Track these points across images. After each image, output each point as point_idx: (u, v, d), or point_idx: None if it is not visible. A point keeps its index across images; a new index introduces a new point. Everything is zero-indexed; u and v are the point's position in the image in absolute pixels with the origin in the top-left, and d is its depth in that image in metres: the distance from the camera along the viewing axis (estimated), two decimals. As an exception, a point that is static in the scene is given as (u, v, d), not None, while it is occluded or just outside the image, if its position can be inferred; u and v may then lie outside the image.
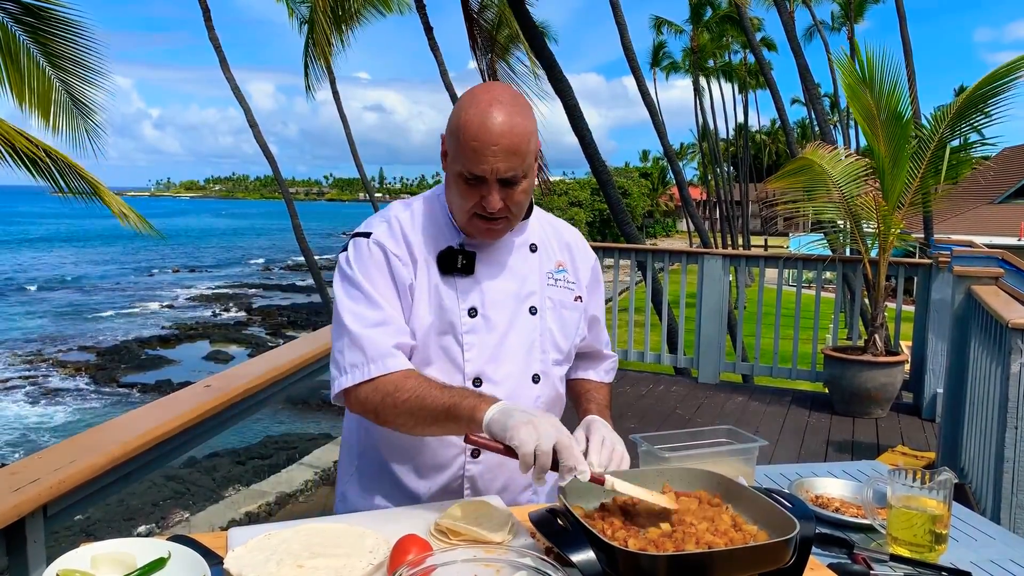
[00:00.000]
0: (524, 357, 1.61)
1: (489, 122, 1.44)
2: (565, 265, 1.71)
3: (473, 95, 1.50)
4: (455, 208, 1.56)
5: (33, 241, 62.71)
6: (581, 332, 1.73)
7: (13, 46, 6.21)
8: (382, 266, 1.54)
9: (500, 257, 1.61)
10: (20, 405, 18.53)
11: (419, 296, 1.55)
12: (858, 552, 1.58)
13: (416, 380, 1.46)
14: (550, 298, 1.66)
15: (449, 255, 1.56)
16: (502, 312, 1.59)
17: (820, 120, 12.57)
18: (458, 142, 1.47)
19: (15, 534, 1.24)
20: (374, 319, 1.50)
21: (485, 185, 1.48)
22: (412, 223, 1.59)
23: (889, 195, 5.52)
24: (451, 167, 1.51)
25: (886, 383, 5.52)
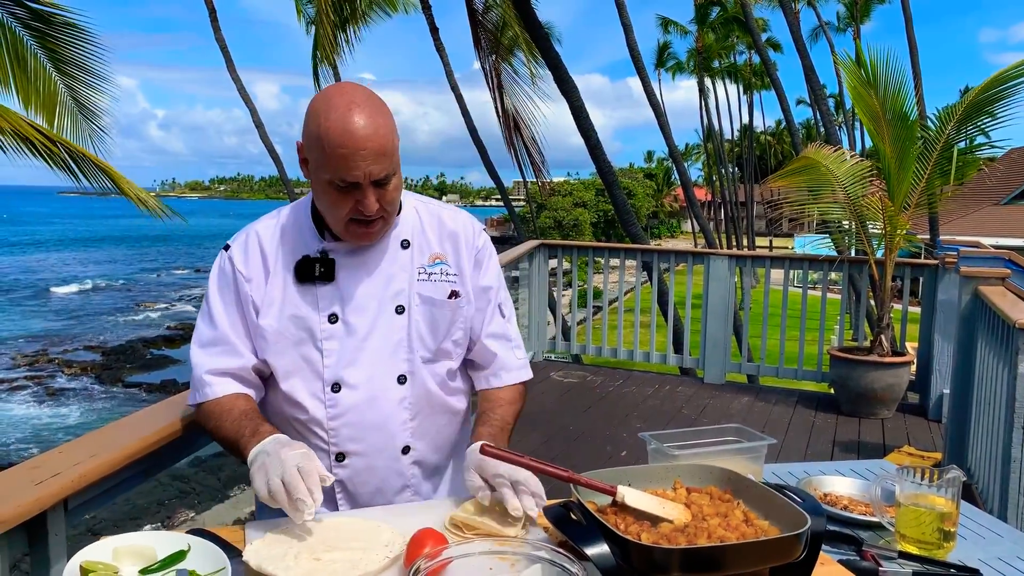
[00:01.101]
0: (388, 359, 1.59)
1: (352, 127, 1.42)
2: (445, 257, 1.66)
3: (328, 100, 1.46)
4: (329, 217, 1.53)
5: (43, 243, 62.81)
6: (460, 328, 1.67)
7: (20, 50, 6.24)
8: (229, 282, 1.59)
9: (366, 259, 1.59)
10: (28, 405, 18.59)
11: (269, 308, 1.56)
12: (867, 549, 1.59)
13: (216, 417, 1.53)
14: (419, 294, 1.61)
15: (305, 264, 1.57)
16: (364, 315, 1.57)
17: (826, 120, 12.57)
18: (323, 151, 1.43)
19: (37, 528, 1.26)
20: (207, 338, 1.58)
21: (359, 190, 1.45)
22: (273, 234, 1.60)
23: (895, 195, 5.52)
24: (317, 176, 1.48)
25: (892, 383, 5.52)
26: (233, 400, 1.55)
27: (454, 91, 15.57)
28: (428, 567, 1.07)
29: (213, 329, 1.57)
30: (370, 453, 1.60)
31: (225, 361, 1.56)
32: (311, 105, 1.48)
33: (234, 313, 1.58)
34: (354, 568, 1.17)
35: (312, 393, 1.57)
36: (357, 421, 1.57)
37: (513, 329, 1.77)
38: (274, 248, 1.58)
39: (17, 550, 1.25)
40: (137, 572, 1.15)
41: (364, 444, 1.59)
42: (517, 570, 1.15)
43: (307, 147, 1.49)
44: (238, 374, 1.57)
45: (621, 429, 5.28)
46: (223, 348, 1.57)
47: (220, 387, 1.56)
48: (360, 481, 1.61)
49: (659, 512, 1.26)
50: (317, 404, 1.57)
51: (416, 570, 1.04)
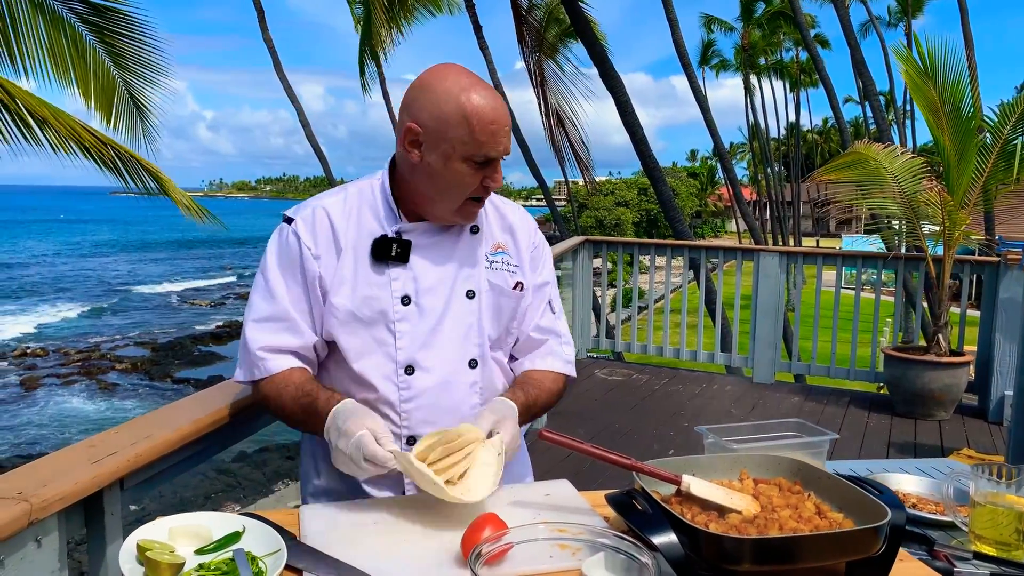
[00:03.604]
0: (460, 342, 1.59)
1: (497, 104, 1.48)
2: (506, 247, 1.67)
3: (457, 80, 1.48)
4: (447, 195, 1.53)
5: (107, 244, 64.58)
6: (519, 319, 1.68)
7: (80, 45, 6.40)
8: (294, 257, 1.54)
9: (439, 242, 1.59)
10: (83, 400, 19.11)
11: (340, 286, 1.53)
12: (939, 549, 1.52)
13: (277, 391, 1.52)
14: (488, 280, 1.62)
15: (383, 243, 1.54)
16: (437, 298, 1.57)
17: (877, 116, 12.27)
18: (471, 128, 1.45)
19: (94, 505, 1.26)
20: (264, 313, 1.54)
21: (491, 166, 1.50)
22: (343, 211, 1.57)
23: (955, 190, 5.34)
24: (448, 154, 1.48)
25: (950, 384, 5.35)
26: (290, 374, 1.53)
27: (497, 90, 15.57)
28: (490, 551, 1.04)
29: (273, 305, 1.54)
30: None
31: (284, 339, 1.53)
32: (434, 85, 1.49)
33: (296, 289, 1.54)
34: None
35: (384, 375, 1.54)
36: (430, 404, 1.55)
37: (563, 326, 1.77)
38: (344, 225, 1.55)
39: (75, 527, 1.25)
40: (193, 552, 1.14)
41: (436, 427, 1.55)
42: (578, 558, 1.11)
43: (438, 127, 1.48)
44: (298, 352, 1.55)
45: (668, 427, 5.20)
46: (283, 325, 1.53)
47: (276, 363, 1.53)
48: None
49: (726, 503, 1.21)
50: (389, 386, 1.54)
51: (478, 554, 1.00)
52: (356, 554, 1.16)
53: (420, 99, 1.49)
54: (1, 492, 1.11)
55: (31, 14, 6.04)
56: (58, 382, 20.54)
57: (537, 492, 1.43)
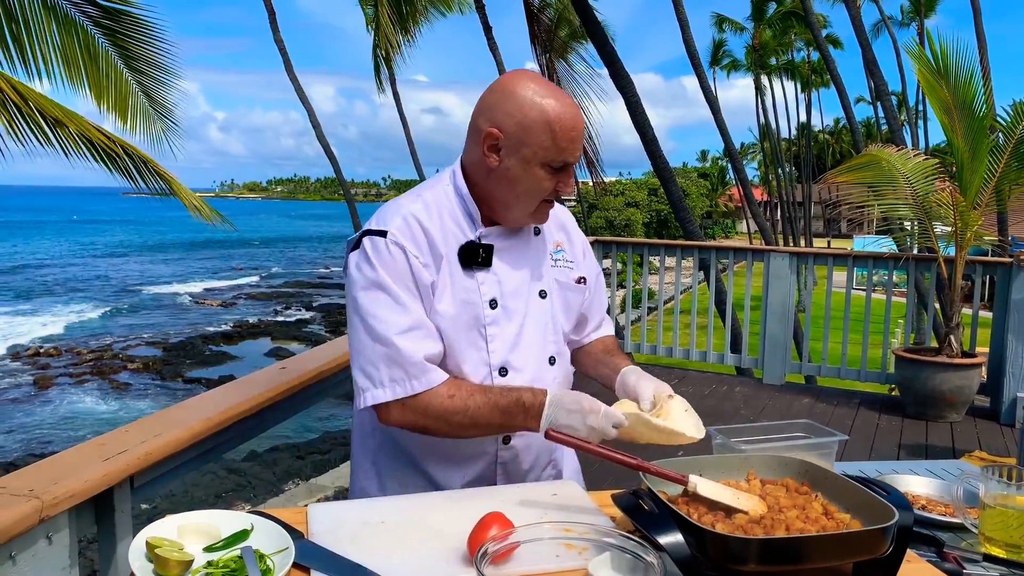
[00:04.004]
0: (540, 342, 1.64)
1: (575, 111, 1.52)
2: (563, 245, 1.74)
3: (537, 86, 1.51)
4: (523, 199, 1.55)
5: (111, 245, 64.90)
6: (579, 312, 1.77)
7: (92, 47, 6.45)
8: (404, 268, 1.50)
9: (514, 245, 1.62)
10: (95, 399, 19.23)
11: (443, 292, 1.54)
12: (948, 551, 1.52)
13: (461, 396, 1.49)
14: (556, 279, 1.69)
15: (470, 249, 1.55)
16: (518, 300, 1.61)
17: (889, 116, 12.18)
18: (552, 133, 1.48)
19: (104, 503, 1.27)
20: (405, 324, 1.48)
21: (565, 171, 1.54)
22: (429, 217, 1.55)
23: (967, 191, 5.31)
24: (527, 158, 1.50)
25: (962, 386, 5.31)
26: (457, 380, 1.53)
27: (507, 90, 15.57)
28: (496, 550, 1.04)
29: (408, 315, 1.49)
30: (530, 434, 1.61)
31: (431, 346, 1.51)
32: (514, 90, 1.51)
33: (418, 299, 1.51)
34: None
35: (481, 378, 1.57)
36: None
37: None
38: (435, 231, 1.54)
39: (86, 524, 1.26)
40: (201, 549, 1.15)
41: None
42: (585, 558, 1.11)
43: (519, 133, 1.50)
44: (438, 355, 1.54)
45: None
46: (425, 332, 1.51)
47: (438, 373, 1.51)
48: (519, 461, 1.64)
49: (733, 503, 1.21)
50: None
51: (484, 553, 1.01)
52: (363, 552, 1.16)
53: (501, 104, 1.51)
54: (12, 489, 1.12)
55: (44, 17, 6.09)
56: (70, 381, 20.67)
57: (544, 491, 1.44)
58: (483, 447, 1.60)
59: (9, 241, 60.63)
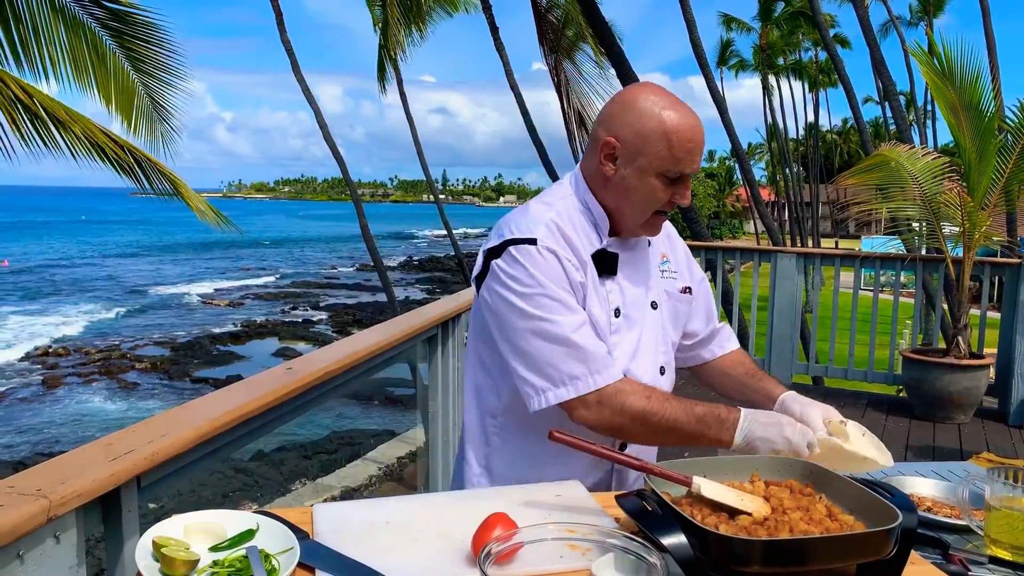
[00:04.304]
0: (653, 352, 1.67)
1: (696, 123, 1.53)
2: (668, 255, 1.76)
3: (659, 98, 1.53)
4: (637, 209, 1.57)
5: (119, 246, 65.11)
6: (684, 323, 1.78)
7: (100, 48, 6.49)
8: (559, 272, 1.52)
9: (634, 256, 1.65)
10: (103, 399, 19.31)
11: (591, 297, 1.57)
12: (953, 553, 1.51)
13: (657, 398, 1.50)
14: (664, 290, 1.71)
15: (603, 257, 1.58)
16: (637, 310, 1.64)
17: (897, 116, 12.15)
18: (670, 144, 1.50)
19: (111, 502, 1.28)
20: (577, 322, 1.50)
21: (682, 182, 1.55)
22: (566, 224, 1.57)
23: (975, 191, 5.29)
24: (644, 168, 1.53)
25: (970, 387, 5.29)
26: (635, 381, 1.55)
27: (513, 91, 15.59)
28: (499, 551, 1.04)
29: (576, 314, 1.51)
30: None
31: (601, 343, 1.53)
32: (634, 102, 1.54)
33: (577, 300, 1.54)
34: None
35: None
36: None
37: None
38: (574, 238, 1.57)
39: (93, 524, 1.27)
40: (207, 549, 1.16)
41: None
42: (589, 559, 1.11)
43: (636, 142, 1.52)
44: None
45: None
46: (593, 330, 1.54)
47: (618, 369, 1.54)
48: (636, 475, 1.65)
49: (737, 504, 1.21)
50: None
51: (487, 554, 1.01)
52: (368, 552, 1.17)
53: (620, 115, 1.54)
54: (21, 489, 1.13)
55: (51, 19, 6.13)
56: (79, 381, 20.78)
57: (548, 492, 1.44)
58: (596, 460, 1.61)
59: (20, 242, 60.94)
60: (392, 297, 16.31)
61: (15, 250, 53.78)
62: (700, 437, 1.48)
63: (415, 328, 2.61)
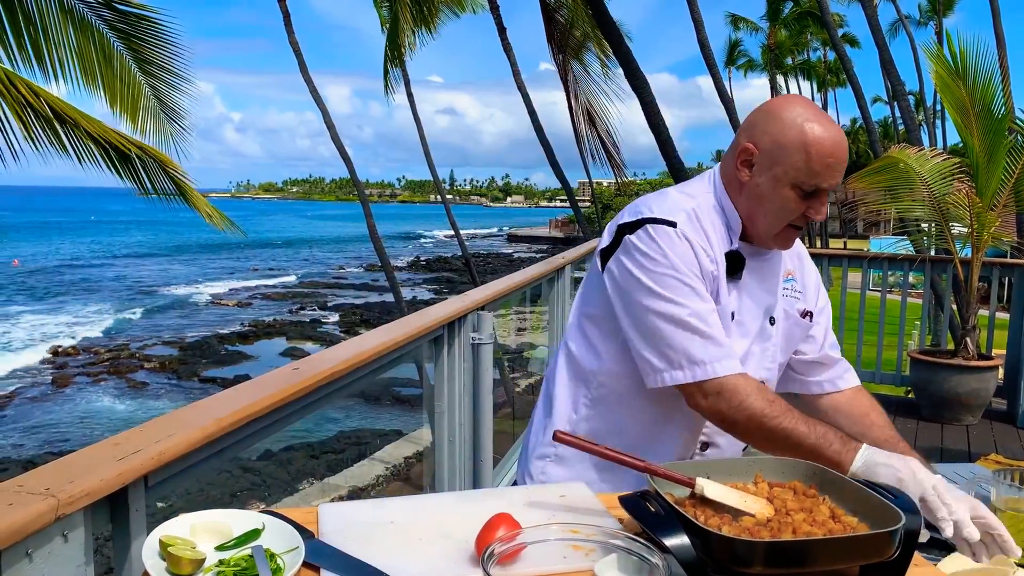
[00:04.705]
0: (759, 365, 1.65)
1: (840, 139, 1.50)
2: (794, 274, 1.73)
3: (804, 110, 1.52)
4: (768, 219, 1.56)
5: (128, 246, 65.36)
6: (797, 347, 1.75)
7: (108, 51, 6.52)
8: (691, 260, 1.52)
9: (759, 265, 1.64)
10: (113, 398, 19.40)
11: (722, 290, 1.57)
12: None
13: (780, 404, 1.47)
14: (784, 309, 1.69)
15: (734, 258, 1.58)
16: (753, 319, 1.63)
17: (906, 116, 12.10)
18: (808, 156, 1.48)
19: (119, 502, 1.29)
20: (704, 309, 1.50)
21: (818, 197, 1.52)
22: (704, 218, 1.58)
23: (984, 192, 5.27)
24: (778, 178, 1.52)
25: (978, 388, 5.27)
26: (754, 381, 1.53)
27: (521, 91, 15.59)
28: (502, 551, 1.05)
29: (704, 301, 1.52)
30: (727, 448, 1.64)
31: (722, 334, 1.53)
32: (778, 111, 1.54)
33: (707, 290, 1.54)
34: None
35: None
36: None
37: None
38: (711, 232, 1.57)
39: (101, 523, 1.28)
40: (213, 548, 1.17)
41: (727, 439, 1.63)
42: (592, 559, 1.12)
43: (774, 151, 1.52)
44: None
45: (690, 430, 5.17)
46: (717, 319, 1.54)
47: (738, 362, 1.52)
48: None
49: (740, 505, 1.21)
50: None
51: (490, 554, 1.02)
52: (372, 552, 1.18)
53: (762, 122, 1.55)
54: (29, 488, 1.14)
55: (61, 21, 6.17)
56: (88, 380, 20.89)
57: (552, 493, 1.44)
58: (680, 451, 1.63)
59: (31, 242, 61.27)
60: (399, 297, 16.34)
61: (26, 250, 54.07)
62: (817, 454, 1.43)
63: (421, 328, 2.61)
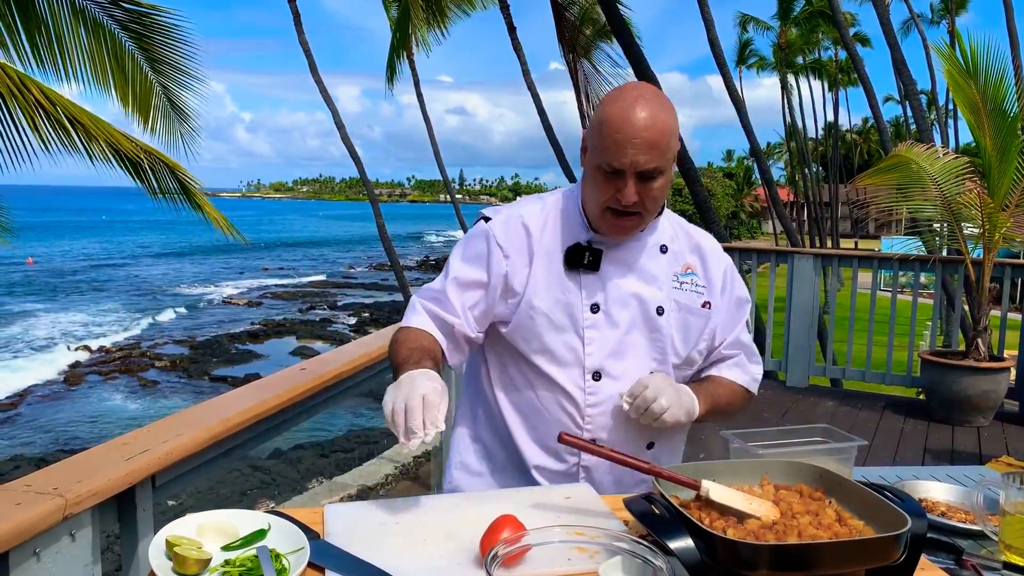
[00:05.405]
0: (644, 355, 1.64)
1: (633, 116, 1.47)
2: (694, 268, 1.71)
3: (620, 91, 1.55)
4: (590, 202, 1.59)
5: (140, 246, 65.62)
6: (705, 339, 1.72)
7: (119, 51, 6.56)
8: (482, 252, 1.61)
9: (629, 256, 1.63)
10: (124, 396, 19.50)
11: (536, 289, 1.59)
12: (967, 558, 1.50)
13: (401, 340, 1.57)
14: (676, 300, 1.66)
15: (576, 251, 1.59)
16: (625, 310, 1.62)
17: (917, 116, 12.03)
18: (601, 135, 1.50)
19: (126, 501, 1.30)
20: (435, 290, 1.63)
21: (622, 178, 1.50)
22: (539, 218, 1.63)
23: (995, 192, 5.23)
24: (590, 161, 1.55)
25: (989, 390, 5.23)
26: (420, 336, 1.59)
27: (530, 90, 15.58)
28: (506, 553, 1.05)
29: (442, 285, 1.63)
30: (619, 444, 1.61)
31: (439, 310, 1.62)
32: (605, 97, 1.59)
33: (469, 280, 1.61)
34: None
35: (572, 379, 1.60)
36: (614, 411, 1.61)
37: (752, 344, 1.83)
38: (539, 232, 1.62)
39: (109, 522, 1.29)
40: (219, 548, 1.17)
41: (616, 435, 1.62)
42: (596, 561, 1.12)
43: (589, 134, 1.56)
44: (448, 325, 1.62)
45: (698, 431, 5.14)
46: (442, 304, 1.62)
47: (423, 321, 1.61)
48: (604, 469, 1.64)
49: (746, 508, 1.21)
50: (577, 390, 1.60)
51: (494, 556, 1.02)
52: (377, 553, 1.18)
53: (598, 108, 1.58)
54: (37, 487, 1.15)
55: (73, 22, 6.20)
56: (99, 379, 20.99)
57: (558, 495, 1.44)
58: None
59: (44, 241, 61.65)
60: (409, 296, 16.34)
61: (40, 249, 54.42)
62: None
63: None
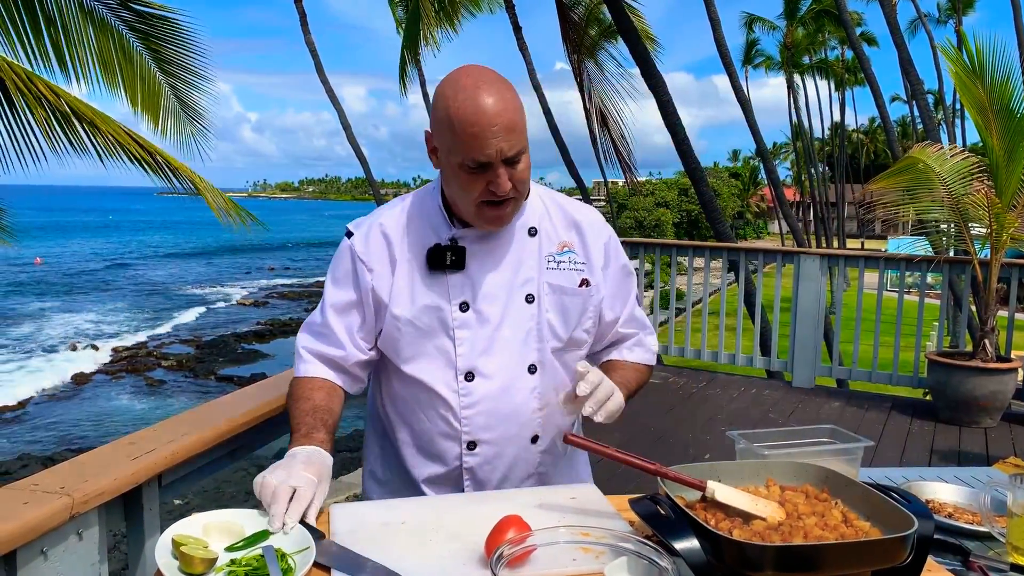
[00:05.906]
0: (519, 348, 1.58)
1: (482, 105, 1.39)
2: (572, 246, 1.64)
3: (456, 82, 1.44)
4: (460, 202, 1.51)
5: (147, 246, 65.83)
6: (590, 317, 1.66)
7: (128, 51, 6.59)
8: (348, 271, 1.58)
9: (495, 247, 1.57)
10: (131, 396, 19.56)
11: (399, 297, 1.55)
12: (974, 560, 1.49)
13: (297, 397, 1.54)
14: (548, 283, 1.60)
15: (436, 252, 1.54)
16: (495, 304, 1.56)
17: (924, 115, 11.99)
18: (454, 133, 1.42)
19: (133, 501, 1.31)
20: (316, 325, 1.61)
21: (491, 169, 1.43)
22: (398, 223, 1.58)
23: (1003, 192, 5.21)
24: (448, 160, 1.47)
25: (996, 391, 5.21)
26: (314, 388, 1.56)
27: (536, 91, 15.58)
28: (511, 553, 1.05)
29: (322, 317, 1.60)
30: (501, 442, 1.59)
31: (324, 348, 1.59)
32: (437, 90, 1.48)
33: (344, 302, 1.58)
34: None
35: (445, 382, 1.56)
36: (490, 410, 1.57)
37: (645, 316, 1.80)
38: (400, 237, 1.57)
39: (115, 521, 1.29)
40: (223, 548, 1.17)
41: (495, 433, 1.59)
42: (602, 562, 1.11)
43: (436, 133, 1.48)
44: (336, 362, 1.59)
45: (704, 432, 5.15)
46: (327, 337, 1.59)
47: (312, 368, 1.59)
48: (489, 468, 1.61)
49: (751, 509, 1.20)
50: (450, 393, 1.56)
51: (499, 556, 1.02)
52: (383, 553, 1.18)
53: (433, 105, 1.50)
54: (44, 487, 1.16)
55: (81, 22, 6.23)
56: (106, 378, 21.08)
57: (563, 495, 1.44)
58: (446, 448, 1.60)
59: (52, 240, 61.90)
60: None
61: (48, 249, 54.64)
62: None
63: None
